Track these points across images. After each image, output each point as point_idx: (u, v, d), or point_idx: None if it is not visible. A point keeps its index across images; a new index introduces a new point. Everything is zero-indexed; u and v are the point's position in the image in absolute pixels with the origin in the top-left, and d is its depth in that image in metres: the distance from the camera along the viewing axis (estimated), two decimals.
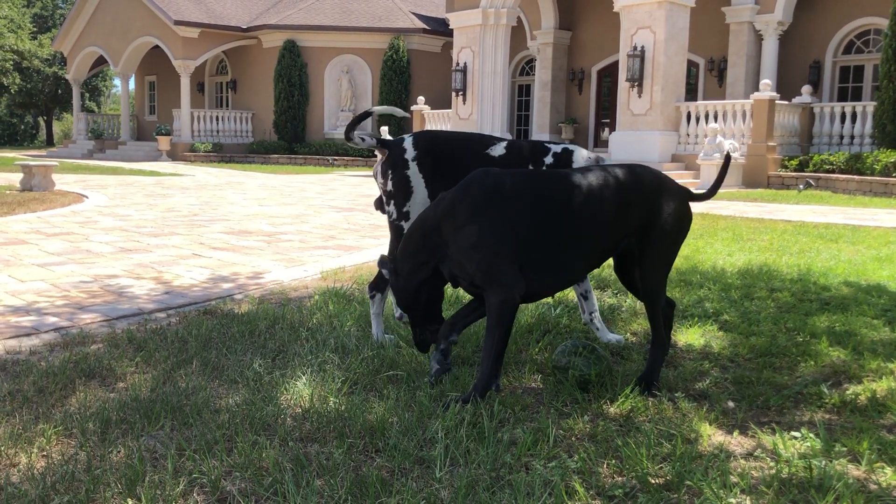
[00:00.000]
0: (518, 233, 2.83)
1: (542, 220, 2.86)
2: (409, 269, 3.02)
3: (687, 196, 3.09)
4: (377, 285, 3.70)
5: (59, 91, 49.10)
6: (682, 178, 17.04)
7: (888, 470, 2.34)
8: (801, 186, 15.47)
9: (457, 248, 2.87)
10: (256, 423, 2.63)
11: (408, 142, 3.58)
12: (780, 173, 16.35)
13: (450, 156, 3.54)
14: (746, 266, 5.96)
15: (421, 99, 23.91)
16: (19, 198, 11.51)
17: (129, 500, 2.10)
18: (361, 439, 2.52)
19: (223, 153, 28.01)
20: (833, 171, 15.67)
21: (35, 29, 50.50)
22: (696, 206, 11.86)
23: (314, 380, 3.05)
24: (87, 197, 12.24)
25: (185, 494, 2.15)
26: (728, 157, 3.22)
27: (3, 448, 2.40)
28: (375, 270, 5.68)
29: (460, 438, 2.48)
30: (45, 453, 2.41)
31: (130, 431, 2.57)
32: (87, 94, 52.72)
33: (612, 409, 2.83)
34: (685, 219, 3.05)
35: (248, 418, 2.66)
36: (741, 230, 8.63)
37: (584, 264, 2.99)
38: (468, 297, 4.54)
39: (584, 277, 3.31)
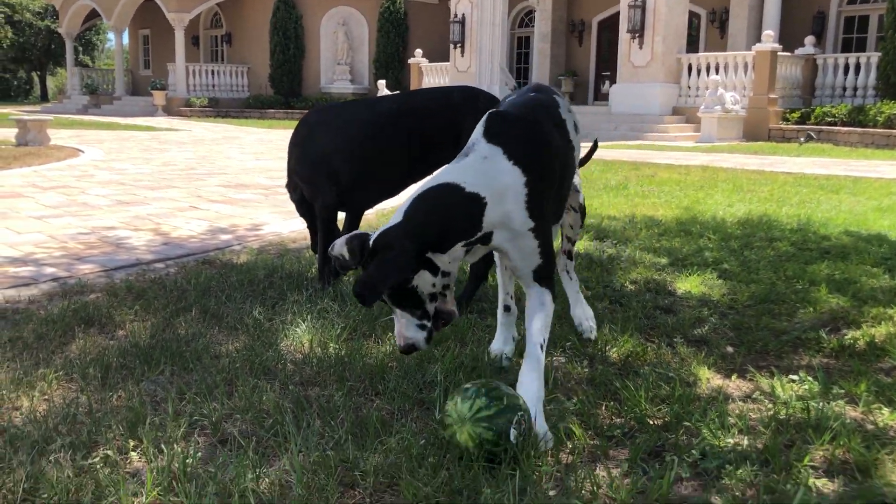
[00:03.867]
0: (328, 157, 3.50)
1: (351, 148, 3.49)
2: (296, 187, 3.76)
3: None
4: None
5: (53, 45, 48.46)
6: (682, 130, 16.94)
7: (885, 411, 2.36)
8: (803, 139, 15.37)
9: (292, 169, 3.68)
10: (257, 368, 2.64)
11: None
12: (782, 126, 16.23)
13: None
14: (746, 216, 5.94)
15: (418, 52, 23.62)
16: (14, 152, 11.42)
17: (130, 441, 2.11)
18: (361, 383, 2.53)
19: (219, 108, 27.75)
20: (835, 124, 15.56)
21: None
22: (695, 158, 11.79)
23: (314, 327, 3.05)
24: (82, 151, 12.15)
25: (187, 436, 2.16)
26: (595, 144, 3.40)
27: (5, 392, 2.41)
28: (374, 221, 5.66)
29: (459, 381, 2.49)
30: (46, 397, 2.41)
31: (131, 376, 2.58)
32: (81, 49, 52.02)
33: (611, 354, 2.84)
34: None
35: (249, 363, 2.67)
36: (741, 182, 8.58)
37: (398, 181, 3.60)
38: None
39: (401, 191, 3.73)
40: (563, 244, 3.10)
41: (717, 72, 17.10)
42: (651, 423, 2.26)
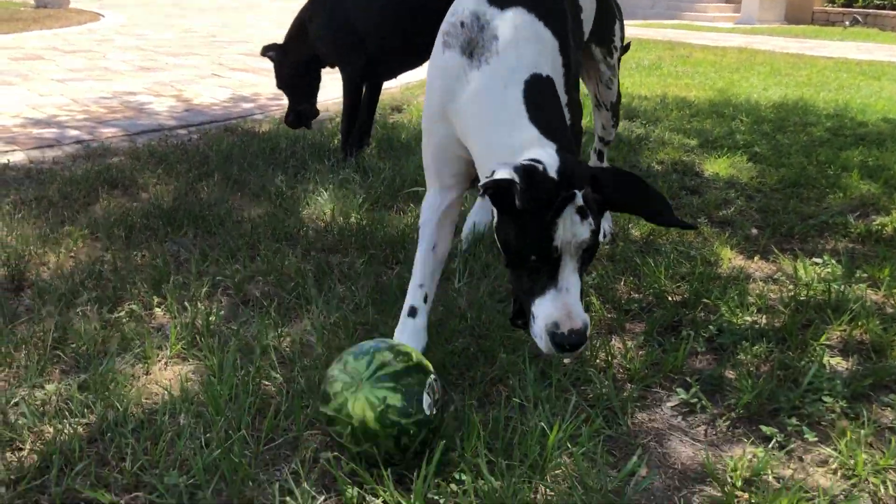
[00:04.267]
0: (357, 23, 3.33)
1: (377, 15, 3.33)
2: (293, 52, 3.62)
3: None
4: None
5: None
6: (721, 11, 16.22)
7: None
8: (848, 23, 14.66)
9: (315, 34, 3.49)
10: (279, 234, 2.65)
11: None
12: (826, 9, 15.47)
13: None
14: (782, 100, 5.74)
15: None
16: (34, 14, 11.21)
17: (154, 298, 2.15)
18: (382, 251, 2.54)
19: None
20: (884, 7, 14.78)
21: None
22: (733, 40, 11.33)
23: (336, 196, 3.04)
24: (103, 16, 11.89)
25: (210, 295, 2.20)
26: (627, 46, 3.04)
27: (32, 248, 2.45)
28: (397, 94, 5.55)
29: (479, 254, 2.49)
30: (72, 254, 2.45)
31: (154, 237, 2.61)
32: None
33: (633, 232, 2.82)
34: None
35: (271, 229, 2.68)
36: (779, 65, 8.27)
37: (422, 52, 3.40)
38: None
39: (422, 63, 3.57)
40: (596, 144, 2.93)
41: None
42: (669, 299, 2.26)
